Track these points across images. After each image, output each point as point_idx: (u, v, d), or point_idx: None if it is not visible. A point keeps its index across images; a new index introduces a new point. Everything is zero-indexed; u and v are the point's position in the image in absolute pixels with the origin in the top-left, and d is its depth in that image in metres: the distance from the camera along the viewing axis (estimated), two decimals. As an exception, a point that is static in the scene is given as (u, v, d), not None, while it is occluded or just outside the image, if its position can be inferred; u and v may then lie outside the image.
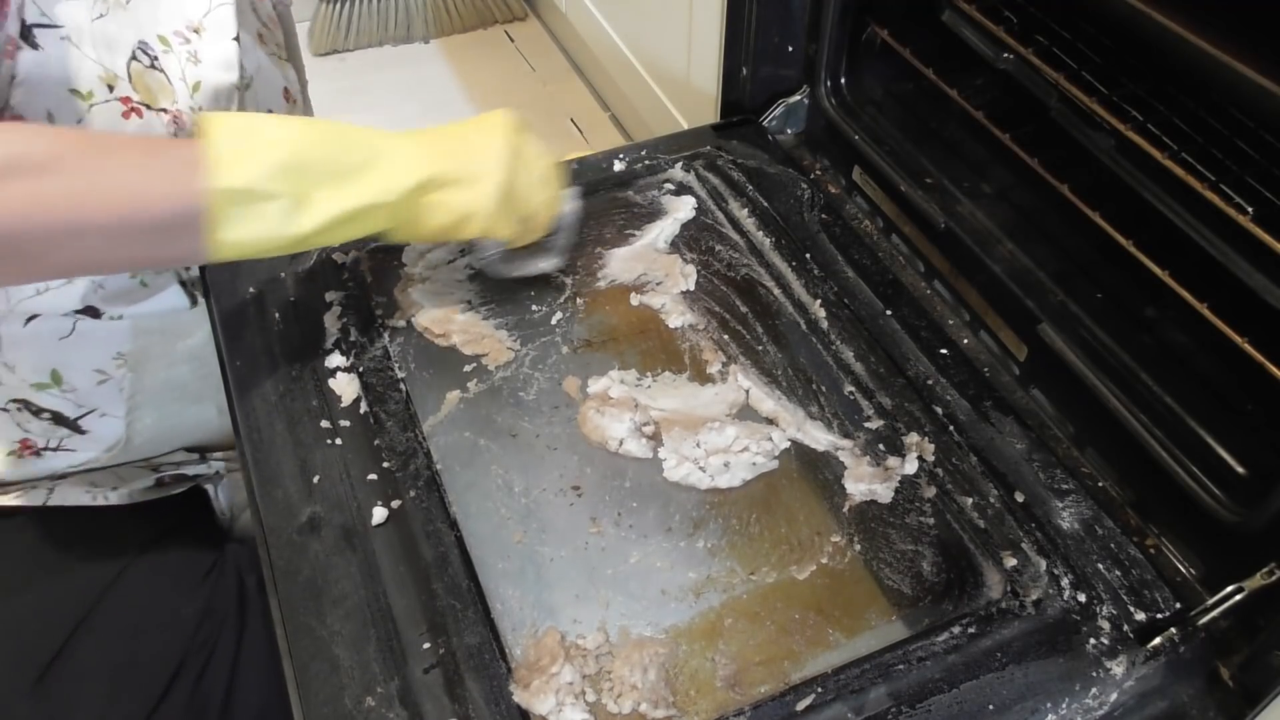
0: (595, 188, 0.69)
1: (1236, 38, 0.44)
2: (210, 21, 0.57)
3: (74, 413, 0.61)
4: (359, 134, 0.49)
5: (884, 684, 0.43)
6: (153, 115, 0.54)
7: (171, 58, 0.55)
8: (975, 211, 0.63)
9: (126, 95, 0.53)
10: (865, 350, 0.58)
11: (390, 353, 0.58)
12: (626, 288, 0.63)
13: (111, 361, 0.60)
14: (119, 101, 0.53)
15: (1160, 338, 0.55)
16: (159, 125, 0.55)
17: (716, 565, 0.48)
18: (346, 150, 0.48)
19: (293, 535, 0.48)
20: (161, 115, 0.55)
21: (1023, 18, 0.57)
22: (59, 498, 0.62)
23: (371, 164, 0.48)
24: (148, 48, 0.54)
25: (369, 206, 0.48)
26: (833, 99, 0.73)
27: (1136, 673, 0.44)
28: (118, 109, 0.53)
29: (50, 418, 0.61)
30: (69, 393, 0.60)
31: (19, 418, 0.61)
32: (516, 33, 1.75)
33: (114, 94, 0.53)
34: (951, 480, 0.52)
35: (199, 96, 0.56)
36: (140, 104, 0.54)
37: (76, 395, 0.61)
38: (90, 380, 0.60)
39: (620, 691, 0.43)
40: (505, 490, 0.51)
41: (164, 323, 0.62)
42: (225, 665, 0.60)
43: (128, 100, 0.53)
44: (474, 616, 0.45)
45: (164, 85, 0.55)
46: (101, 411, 0.62)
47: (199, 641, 0.60)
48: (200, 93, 0.56)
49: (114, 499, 0.63)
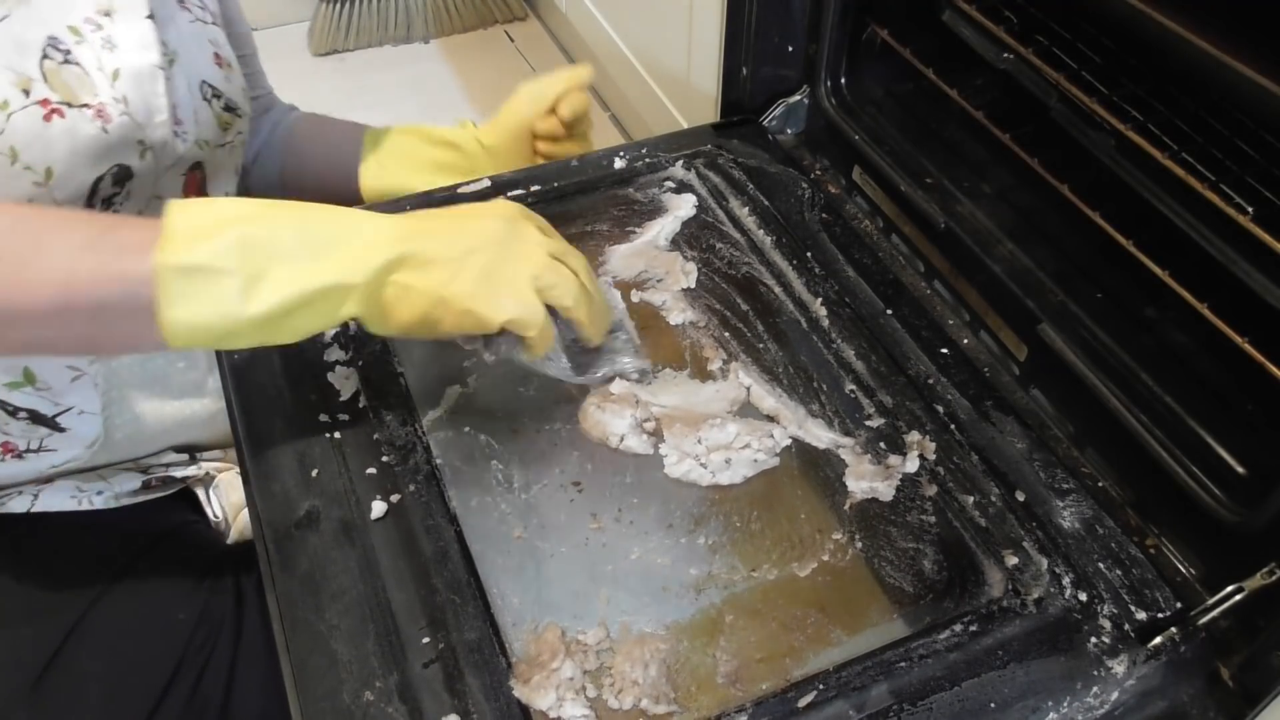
0: (596, 185, 0.69)
1: (1236, 38, 0.44)
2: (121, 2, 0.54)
3: (51, 410, 0.60)
4: (329, 212, 0.45)
5: (885, 681, 0.43)
6: (75, 113, 0.52)
7: (85, 48, 0.52)
8: (975, 211, 0.63)
9: (44, 97, 0.51)
10: (866, 349, 0.58)
11: (390, 346, 0.57)
12: (627, 284, 0.63)
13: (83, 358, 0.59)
14: (38, 105, 0.50)
15: (1160, 338, 0.55)
16: (83, 122, 0.52)
17: (718, 562, 0.48)
18: (312, 226, 0.44)
19: (291, 529, 0.48)
20: (85, 111, 0.52)
21: (1023, 18, 0.57)
22: (44, 503, 0.61)
23: (339, 241, 0.44)
24: (58, 42, 0.51)
25: (332, 287, 0.44)
26: (833, 99, 0.73)
27: (1137, 672, 0.44)
28: (38, 113, 0.50)
29: (28, 417, 0.60)
30: (44, 390, 0.59)
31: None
32: (516, 33, 1.75)
33: (31, 98, 0.50)
34: (953, 479, 0.52)
35: (120, 84, 0.53)
36: (60, 104, 0.51)
37: (51, 393, 0.59)
38: (64, 377, 0.59)
39: (621, 687, 0.43)
40: (505, 485, 0.51)
41: None
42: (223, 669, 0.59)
43: (46, 102, 0.51)
44: (474, 611, 0.45)
45: (82, 79, 0.52)
46: (79, 409, 0.61)
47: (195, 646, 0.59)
48: (121, 80, 0.53)
49: (99, 503, 0.62)
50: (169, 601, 0.61)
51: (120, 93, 0.53)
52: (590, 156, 0.72)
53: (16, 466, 0.61)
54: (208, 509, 0.68)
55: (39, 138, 0.51)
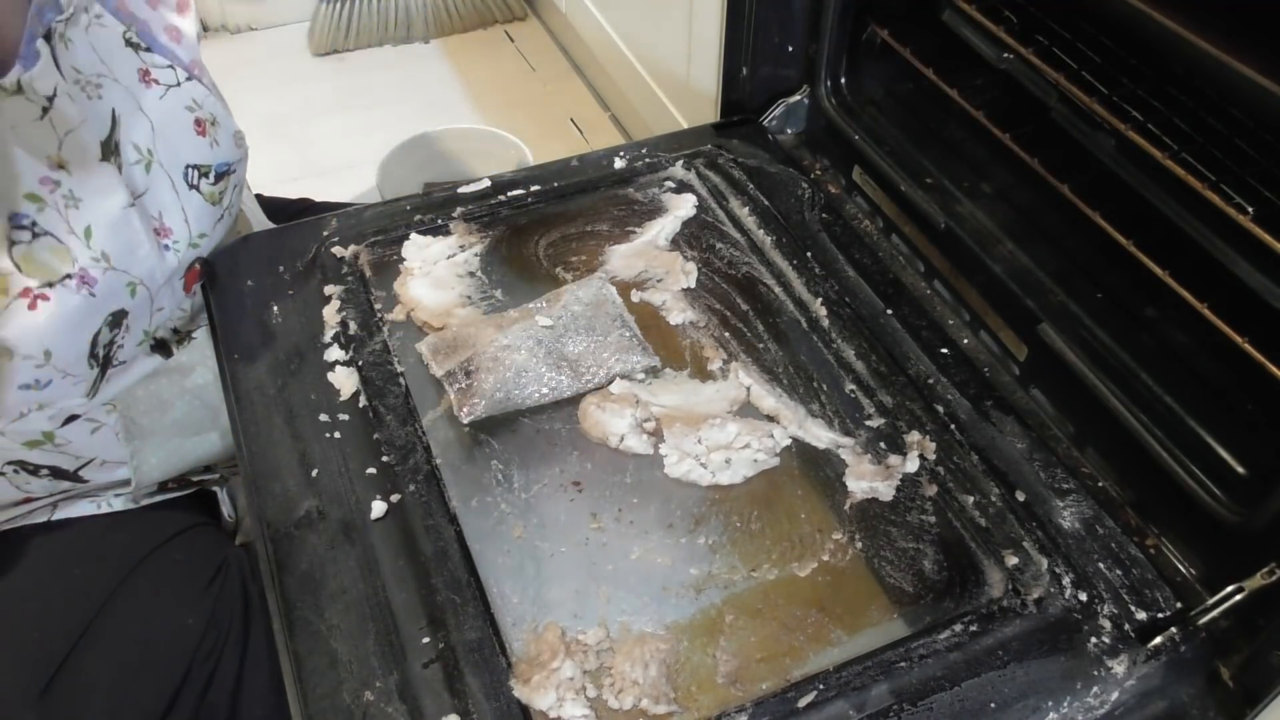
0: (596, 184, 0.69)
1: (1236, 38, 0.44)
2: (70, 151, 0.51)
3: (72, 465, 0.59)
4: None
5: (885, 681, 0.43)
6: (58, 289, 0.50)
7: (50, 212, 0.50)
8: (975, 211, 0.63)
9: (25, 287, 0.49)
10: (866, 349, 0.58)
11: (390, 346, 0.57)
12: (627, 284, 0.63)
13: (101, 409, 0.58)
14: (19, 298, 0.49)
15: (1160, 338, 0.55)
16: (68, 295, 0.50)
17: (718, 562, 0.48)
18: None
19: (291, 529, 0.48)
20: (67, 283, 0.50)
21: (1023, 18, 0.57)
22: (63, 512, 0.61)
23: None
24: (21, 219, 0.49)
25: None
26: (833, 99, 0.73)
27: (1137, 672, 0.44)
28: (22, 305, 0.49)
29: (49, 473, 0.59)
30: (64, 446, 0.58)
31: (16, 479, 0.59)
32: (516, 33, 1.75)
33: (12, 294, 0.49)
34: (953, 479, 0.52)
35: (96, 240, 0.51)
36: (42, 287, 0.49)
37: (73, 447, 0.58)
38: (83, 430, 0.58)
39: (621, 687, 0.43)
40: (505, 485, 0.51)
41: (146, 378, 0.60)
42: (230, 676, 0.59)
43: (28, 291, 0.49)
44: (474, 611, 0.45)
45: (56, 249, 0.50)
46: (101, 460, 0.60)
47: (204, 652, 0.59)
48: (95, 236, 0.51)
49: (118, 504, 0.62)
50: (177, 608, 0.60)
51: (98, 250, 0.52)
52: (590, 156, 0.72)
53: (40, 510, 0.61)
54: (223, 507, 0.68)
55: (29, 329, 0.50)
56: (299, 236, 0.64)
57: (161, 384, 0.60)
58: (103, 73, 0.53)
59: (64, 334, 0.51)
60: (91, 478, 0.61)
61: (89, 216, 0.52)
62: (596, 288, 0.60)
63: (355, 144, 1.45)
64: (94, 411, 0.58)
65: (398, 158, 1.25)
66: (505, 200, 0.68)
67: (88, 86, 0.53)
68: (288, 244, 0.63)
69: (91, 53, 0.53)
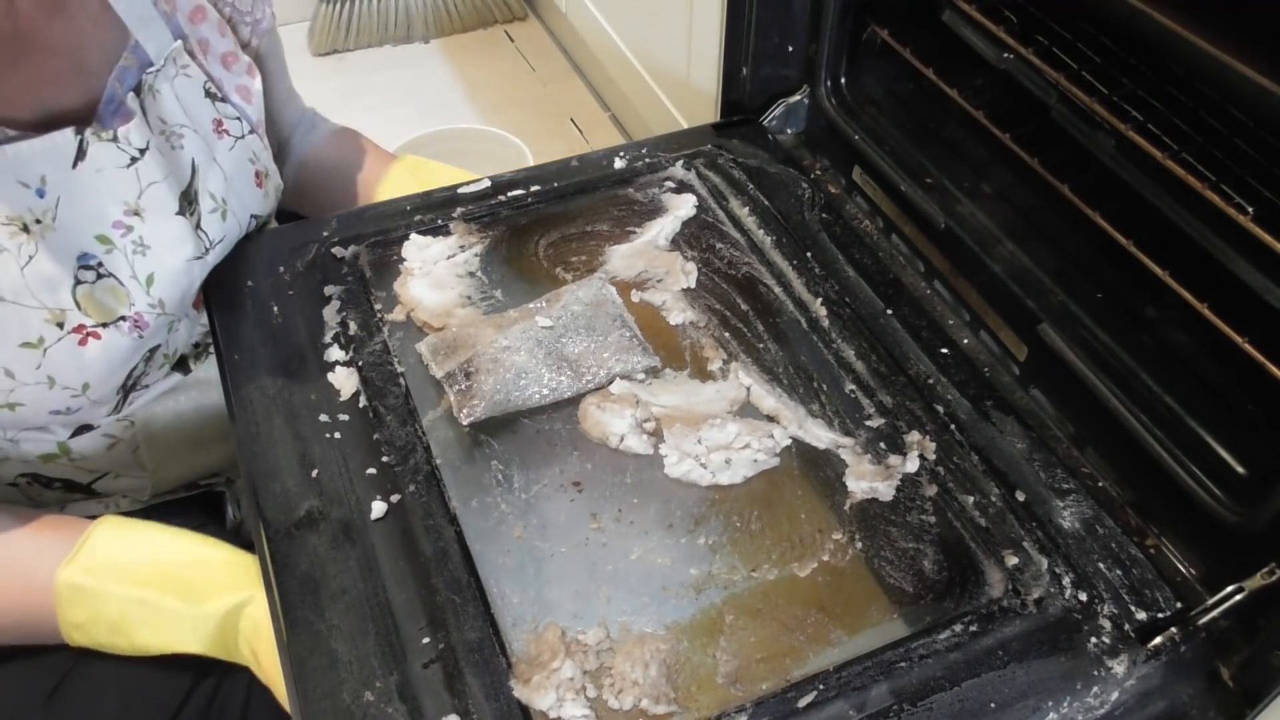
0: (596, 184, 0.69)
1: (1236, 38, 0.44)
2: (148, 201, 0.52)
3: (86, 479, 0.60)
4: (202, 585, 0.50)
5: (885, 681, 0.43)
6: (111, 330, 0.51)
7: (117, 255, 0.51)
8: (975, 211, 0.63)
9: (79, 324, 0.50)
10: (866, 349, 0.58)
11: (390, 347, 0.57)
12: (627, 284, 0.63)
13: (118, 425, 0.58)
14: (72, 333, 0.50)
15: (1160, 338, 0.55)
16: (119, 336, 0.52)
17: (718, 562, 0.48)
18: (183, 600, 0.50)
19: (291, 529, 0.48)
20: (121, 325, 0.52)
21: (1023, 18, 0.57)
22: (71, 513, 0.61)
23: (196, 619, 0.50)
24: (89, 259, 0.50)
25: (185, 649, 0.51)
26: (833, 99, 0.73)
27: (1137, 672, 0.44)
28: (73, 341, 0.50)
29: (62, 486, 0.59)
30: (79, 460, 0.58)
31: (30, 491, 0.59)
32: (516, 33, 1.75)
33: (65, 329, 0.50)
34: (953, 479, 0.52)
35: (156, 289, 0.53)
36: (96, 326, 0.51)
37: (88, 462, 0.59)
38: (100, 445, 0.58)
39: (621, 687, 0.43)
40: (505, 486, 0.51)
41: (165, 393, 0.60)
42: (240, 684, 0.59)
43: (81, 328, 0.50)
44: (474, 611, 0.45)
45: (116, 291, 0.51)
46: (116, 474, 0.60)
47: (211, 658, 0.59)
48: (156, 284, 0.53)
49: (125, 505, 0.63)
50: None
51: (156, 298, 0.53)
52: (590, 156, 0.72)
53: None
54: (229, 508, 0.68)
55: (75, 362, 0.51)
56: (299, 237, 0.64)
57: (180, 399, 0.61)
58: (184, 123, 0.55)
59: (106, 370, 0.53)
60: (105, 489, 0.61)
61: (154, 265, 0.53)
62: (596, 288, 0.60)
63: (355, 144, 1.45)
64: (112, 428, 0.58)
65: (398, 158, 1.25)
66: (505, 200, 0.68)
67: (171, 137, 0.55)
68: (288, 244, 0.63)
69: (176, 103, 0.55)
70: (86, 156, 0.50)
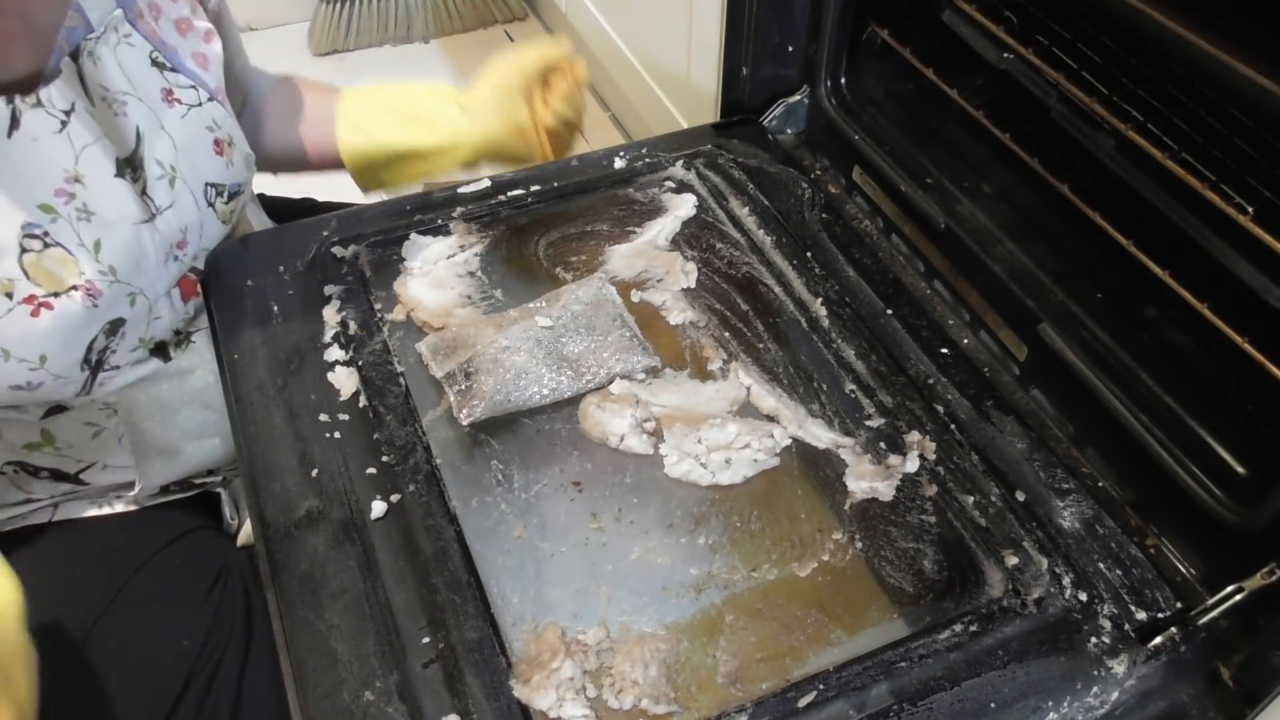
0: (596, 184, 0.69)
1: (1236, 38, 0.44)
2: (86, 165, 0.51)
3: (74, 468, 0.59)
4: None
5: (885, 681, 0.43)
6: (63, 299, 0.51)
7: (62, 225, 0.51)
8: (975, 211, 0.63)
9: (29, 294, 0.50)
10: (866, 349, 0.58)
11: (390, 346, 0.57)
12: (627, 284, 0.63)
13: (100, 413, 0.58)
14: (23, 304, 0.49)
15: (1160, 338, 0.55)
16: (72, 305, 0.51)
17: (718, 562, 0.48)
18: None
19: (291, 529, 0.48)
20: (73, 294, 0.51)
21: (1023, 17, 0.57)
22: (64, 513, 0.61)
23: None
24: (33, 228, 0.50)
25: None
26: (833, 99, 0.73)
27: (1137, 672, 0.44)
28: (25, 312, 0.50)
29: (50, 475, 0.59)
30: (65, 449, 0.58)
31: (17, 479, 0.59)
32: (516, 33, 1.75)
33: (15, 299, 0.49)
34: (953, 478, 0.52)
35: (105, 254, 0.52)
36: (47, 296, 0.50)
37: (74, 450, 0.59)
38: (84, 435, 0.58)
39: (621, 687, 0.43)
40: (505, 485, 0.51)
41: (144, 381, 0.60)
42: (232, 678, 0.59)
43: (32, 299, 0.50)
44: (474, 611, 0.45)
45: (65, 260, 0.51)
46: (103, 464, 0.60)
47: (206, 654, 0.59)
48: (104, 249, 0.52)
49: (120, 506, 0.62)
50: (179, 612, 0.60)
51: (106, 264, 0.52)
52: (590, 156, 0.72)
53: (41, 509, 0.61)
54: (225, 509, 0.68)
55: (29, 334, 0.50)
56: (299, 236, 0.64)
57: (163, 388, 0.60)
58: (128, 91, 0.55)
59: (62, 342, 0.52)
60: (93, 480, 0.61)
61: (100, 231, 0.53)
62: (596, 288, 0.60)
63: (355, 144, 1.45)
64: (94, 415, 0.58)
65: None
66: (505, 200, 0.68)
67: (114, 104, 0.54)
68: (288, 244, 0.63)
69: (119, 71, 0.54)
70: (20, 125, 0.49)
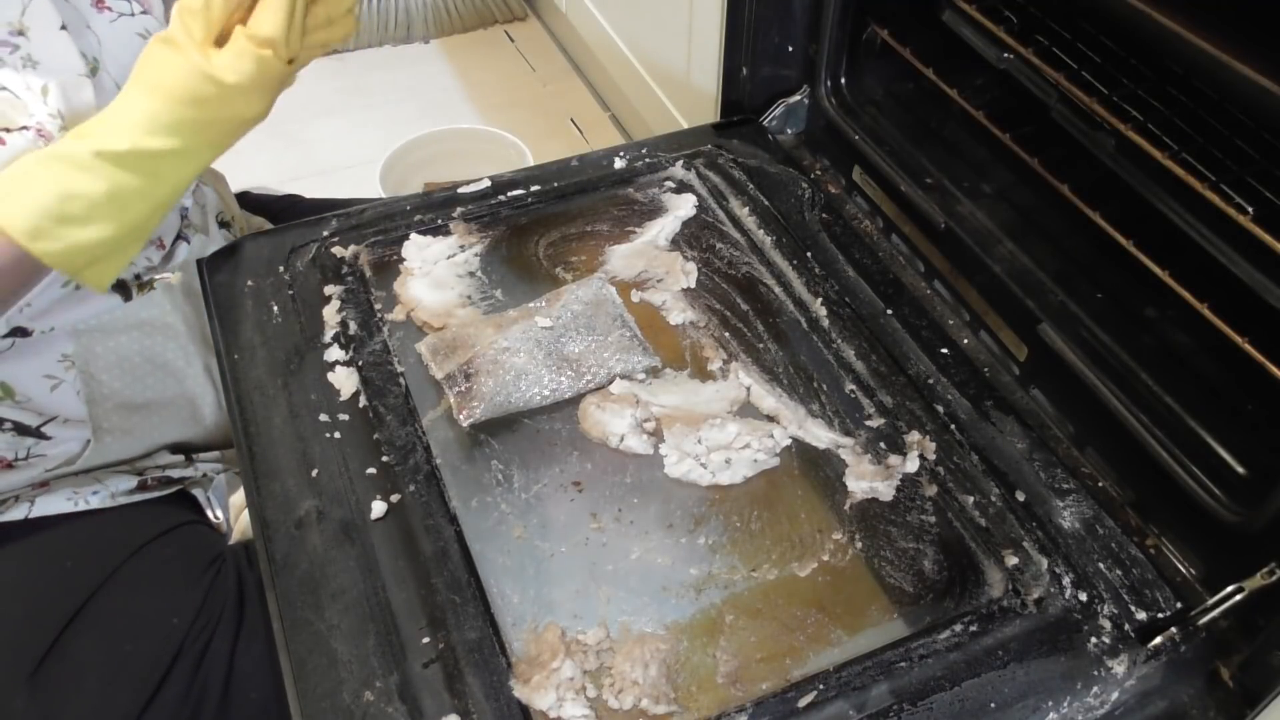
0: (596, 184, 0.69)
1: (1236, 38, 0.44)
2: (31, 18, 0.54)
3: (35, 421, 0.60)
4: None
5: (885, 681, 0.43)
6: (16, 136, 0.52)
7: (7, 71, 0.53)
8: (975, 211, 0.63)
9: None
10: (866, 349, 0.58)
11: (390, 347, 0.57)
12: (627, 284, 0.63)
13: (58, 365, 0.59)
14: None
15: (1160, 338, 0.55)
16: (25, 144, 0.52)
17: (718, 562, 0.48)
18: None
19: (291, 528, 0.48)
20: (25, 133, 0.52)
21: (1023, 18, 0.57)
22: (41, 509, 0.61)
23: None
24: None
25: None
26: (833, 99, 0.73)
27: (1137, 672, 0.44)
28: None
29: (13, 428, 0.60)
30: (25, 402, 0.59)
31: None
32: (516, 33, 1.75)
33: None
34: (953, 479, 0.52)
35: (52, 99, 0.53)
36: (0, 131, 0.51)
37: (33, 404, 0.60)
38: (43, 387, 0.59)
39: (621, 687, 0.43)
40: (505, 485, 0.51)
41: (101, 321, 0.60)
42: (222, 659, 0.59)
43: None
44: (474, 611, 0.45)
45: (14, 103, 0.53)
46: (64, 418, 0.61)
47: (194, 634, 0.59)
48: (51, 95, 0.53)
49: (95, 502, 0.62)
50: (169, 593, 0.61)
51: (54, 108, 0.54)
52: (590, 156, 0.72)
53: (10, 477, 0.61)
54: (208, 510, 0.68)
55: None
56: (299, 236, 0.64)
57: (122, 340, 0.61)
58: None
59: None
60: (55, 434, 0.61)
61: (45, 78, 0.54)
62: (596, 288, 0.60)
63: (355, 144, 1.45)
64: (52, 367, 0.59)
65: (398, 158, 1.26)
66: (505, 200, 0.68)
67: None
68: (288, 244, 0.63)
69: None
70: None
